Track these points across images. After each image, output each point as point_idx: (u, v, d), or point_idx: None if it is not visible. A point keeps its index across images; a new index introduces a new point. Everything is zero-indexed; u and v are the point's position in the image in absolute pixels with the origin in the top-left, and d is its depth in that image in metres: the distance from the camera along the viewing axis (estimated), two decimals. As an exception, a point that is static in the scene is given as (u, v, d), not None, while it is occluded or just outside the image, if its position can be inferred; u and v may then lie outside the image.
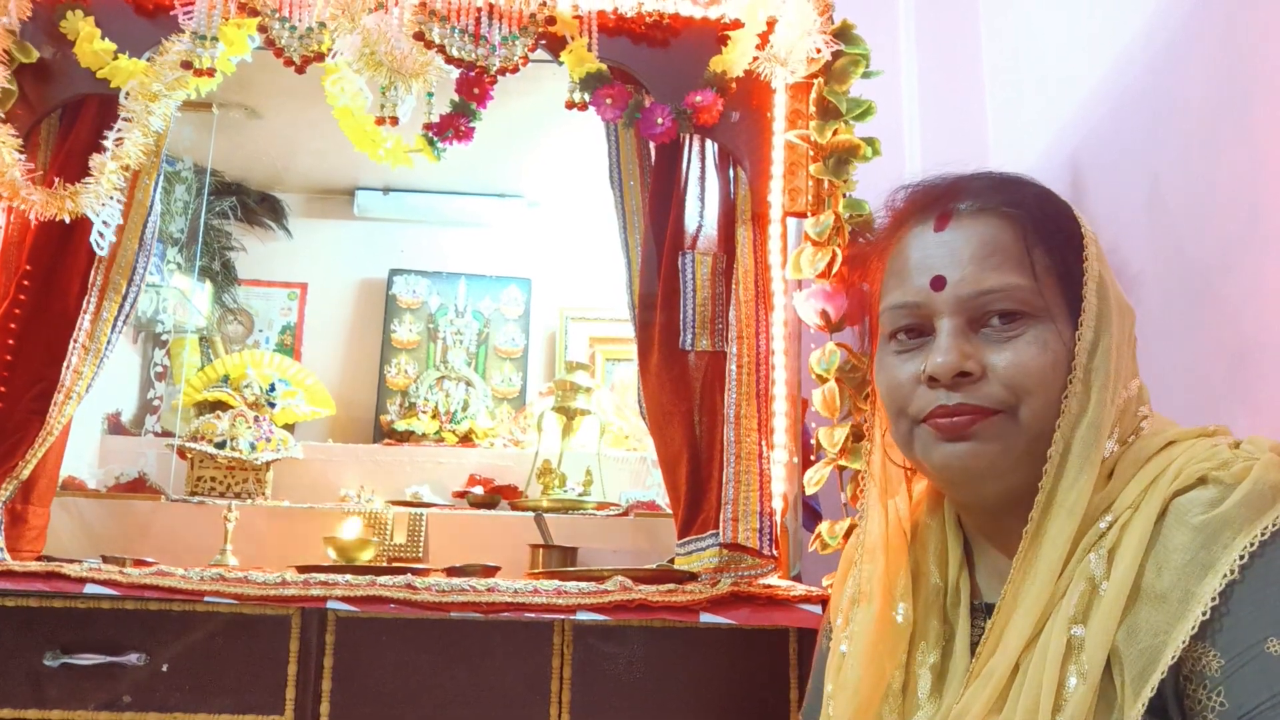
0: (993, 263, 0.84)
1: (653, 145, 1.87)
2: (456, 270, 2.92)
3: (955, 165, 0.92)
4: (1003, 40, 2.13)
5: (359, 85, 1.99)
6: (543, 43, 1.78)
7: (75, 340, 1.77)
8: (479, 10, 1.74)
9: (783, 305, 1.78)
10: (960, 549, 0.92)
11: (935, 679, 0.87)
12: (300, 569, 1.69)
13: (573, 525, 2.14)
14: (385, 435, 2.69)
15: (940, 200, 0.88)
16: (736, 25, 1.80)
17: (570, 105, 1.79)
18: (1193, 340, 1.34)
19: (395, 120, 1.77)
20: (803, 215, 1.77)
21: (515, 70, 1.74)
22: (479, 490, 2.40)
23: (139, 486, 2.26)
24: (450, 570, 1.84)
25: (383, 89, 1.74)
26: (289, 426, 2.55)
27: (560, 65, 1.80)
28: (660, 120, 1.77)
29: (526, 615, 1.55)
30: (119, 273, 1.82)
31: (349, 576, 1.58)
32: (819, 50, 1.74)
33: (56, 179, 1.72)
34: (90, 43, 1.74)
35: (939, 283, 0.85)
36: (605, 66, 1.78)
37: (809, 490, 1.69)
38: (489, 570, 1.83)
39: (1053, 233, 0.86)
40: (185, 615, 1.55)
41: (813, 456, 1.72)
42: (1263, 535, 0.71)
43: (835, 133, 1.75)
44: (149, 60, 1.75)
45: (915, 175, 0.93)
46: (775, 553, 1.66)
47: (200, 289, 2.75)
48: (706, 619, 1.54)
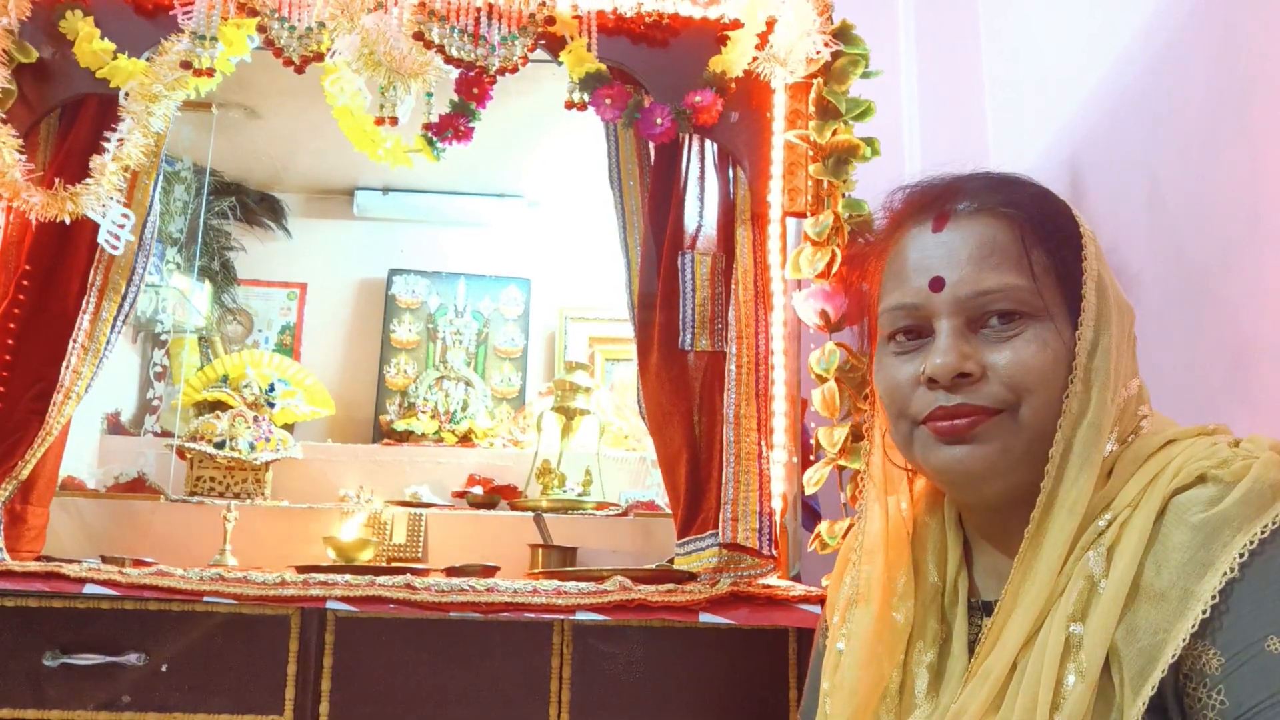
0: (991, 263, 0.84)
1: (652, 145, 1.87)
2: (456, 270, 2.92)
3: (954, 165, 0.92)
4: (1002, 40, 2.13)
5: (358, 85, 1.99)
6: (542, 43, 1.78)
7: (74, 340, 1.77)
8: (478, 10, 1.74)
9: (782, 305, 1.78)
10: (959, 548, 0.92)
11: (932, 678, 0.87)
12: (299, 569, 1.69)
13: (572, 525, 2.14)
14: (384, 435, 2.69)
15: (938, 201, 0.88)
16: (736, 25, 1.80)
17: (570, 105, 1.79)
18: (1193, 340, 1.34)
19: (395, 120, 1.77)
20: (802, 215, 1.77)
21: (514, 70, 1.75)
22: (478, 490, 2.40)
23: (138, 486, 2.26)
24: (450, 570, 1.84)
25: (382, 89, 1.74)
26: (288, 426, 2.55)
27: (560, 65, 1.80)
28: (659, 120, 1.77)
29: (526, 615, 1.55)
30: (118, 272, 1.82)
31: (348, 576, 1.58)
32: (818, 50, 1.74)
33: (56, 179, 1.72)
34: (90, 43, 1.74)
35: (937, 284, 0.84)
36: (604, 66, 1.79)
37: (808, 490, 1.70)
38: (488, 570, 1.83)
39: (1051, 232, 0.85)
40: (184, 615, 1.55)
41: (812, 456, 1.72)
42: (1262, 533, 0.71)
43: (834, 133, 1.75)
44: (148, 60, 1.75)
45: (914, 175, 0.93)
46: (775, 553, 1.66)
47: (200, 289, 2.75)
48: (706, 619, 1.54)
